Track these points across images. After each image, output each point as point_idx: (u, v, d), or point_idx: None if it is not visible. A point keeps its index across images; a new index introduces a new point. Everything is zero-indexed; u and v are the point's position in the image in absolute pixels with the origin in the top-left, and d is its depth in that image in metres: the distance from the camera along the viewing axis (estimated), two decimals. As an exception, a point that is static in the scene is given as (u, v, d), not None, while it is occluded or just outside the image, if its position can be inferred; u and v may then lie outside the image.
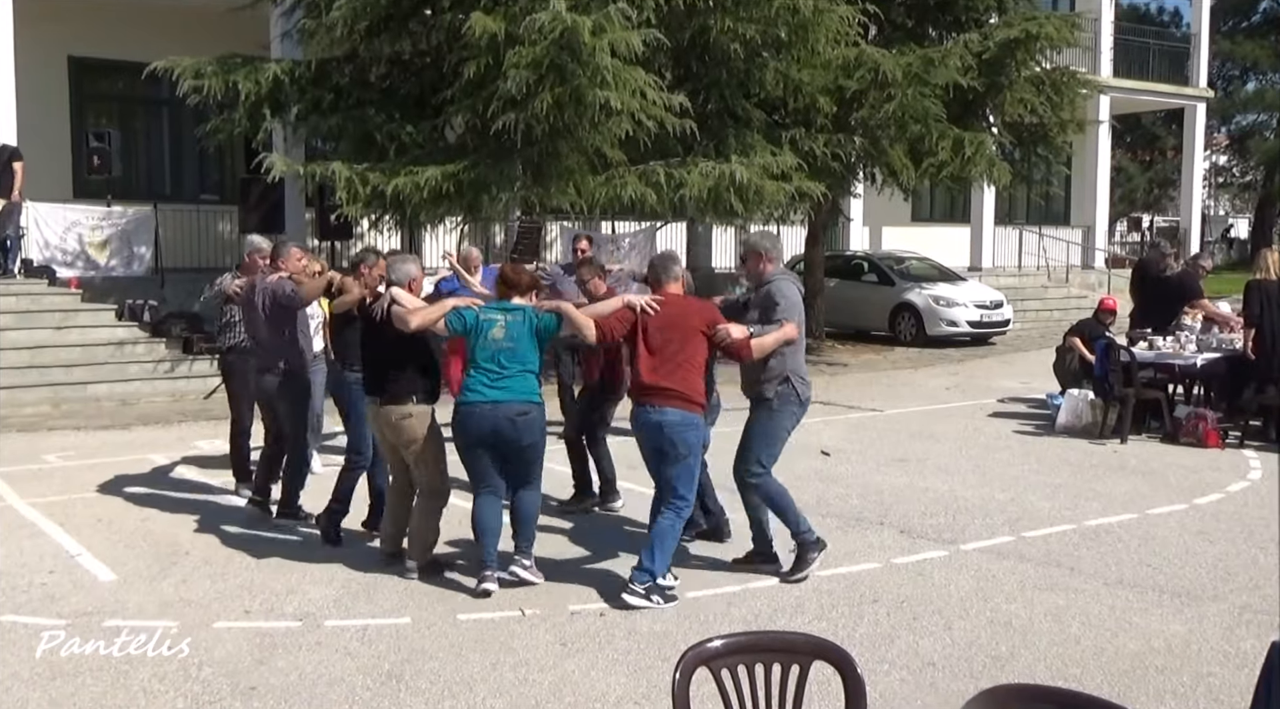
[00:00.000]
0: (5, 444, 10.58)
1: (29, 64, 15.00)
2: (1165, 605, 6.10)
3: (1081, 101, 18.30)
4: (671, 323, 6.10)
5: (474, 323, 6.17)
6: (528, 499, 6.33)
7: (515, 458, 6.20)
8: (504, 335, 6.11)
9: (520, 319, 6.16)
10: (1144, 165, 45.75)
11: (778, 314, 6.25)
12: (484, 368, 6.11)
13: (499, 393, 6.06)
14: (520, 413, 6.08)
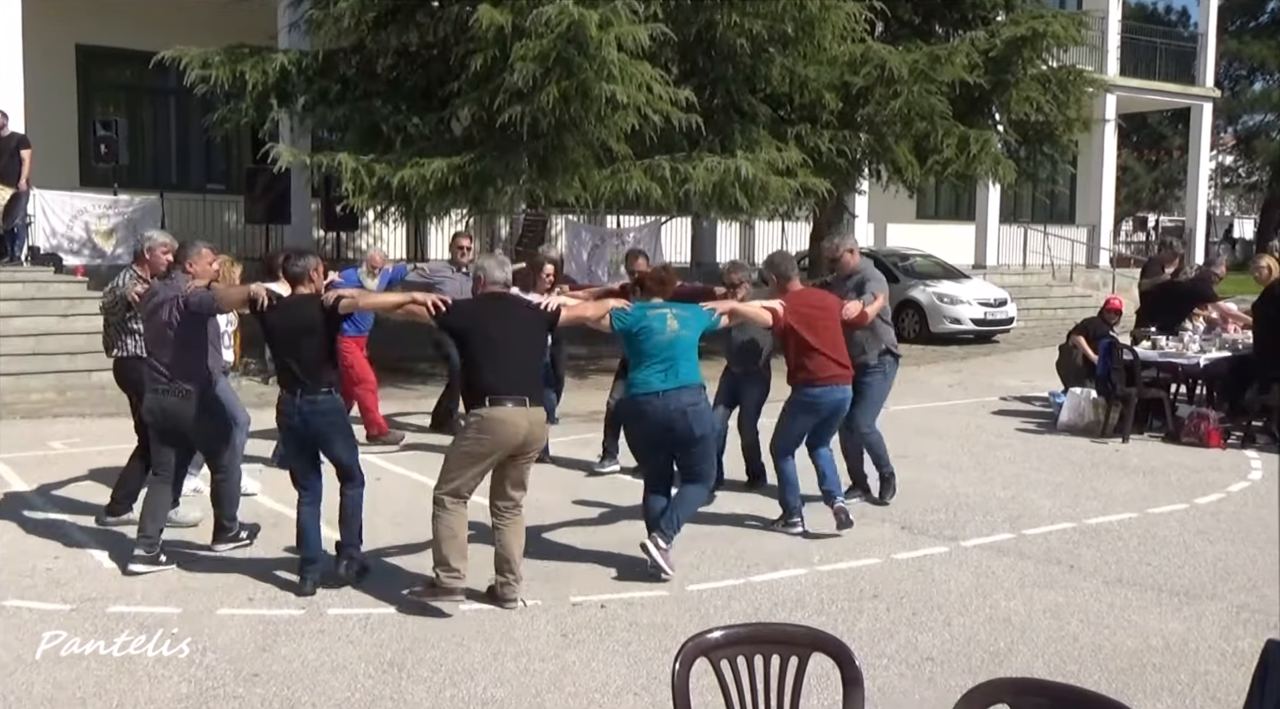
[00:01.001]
0: (10, 430, 10.63)
1: (37, 52, 15.01)
2: (1164, 604, 6.12)
3: (1088, 100, 18.30)
4: (824, 310, 7.26)
5: (641, 319, 6.39)
6: (694, 492, 6.57)
7: (683, 448, 6.44)
8: (678, 327, 6.39)
9: (689, 315, 6.50)
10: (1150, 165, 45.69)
11: (869, 288, 7.72)
12: (655, 362, 6.31)
13: (672, 382, 6.30)
14: (691, 403, 6.32)
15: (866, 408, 7.84)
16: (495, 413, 5.73)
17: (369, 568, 6.29)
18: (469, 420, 5.87)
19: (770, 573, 6.52)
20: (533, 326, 6.07)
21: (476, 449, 5.79)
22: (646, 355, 6.34)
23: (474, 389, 5.87)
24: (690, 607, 5.95)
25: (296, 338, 6.07)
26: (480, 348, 5.85)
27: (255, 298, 6.12)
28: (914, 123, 14.89)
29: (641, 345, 6.36)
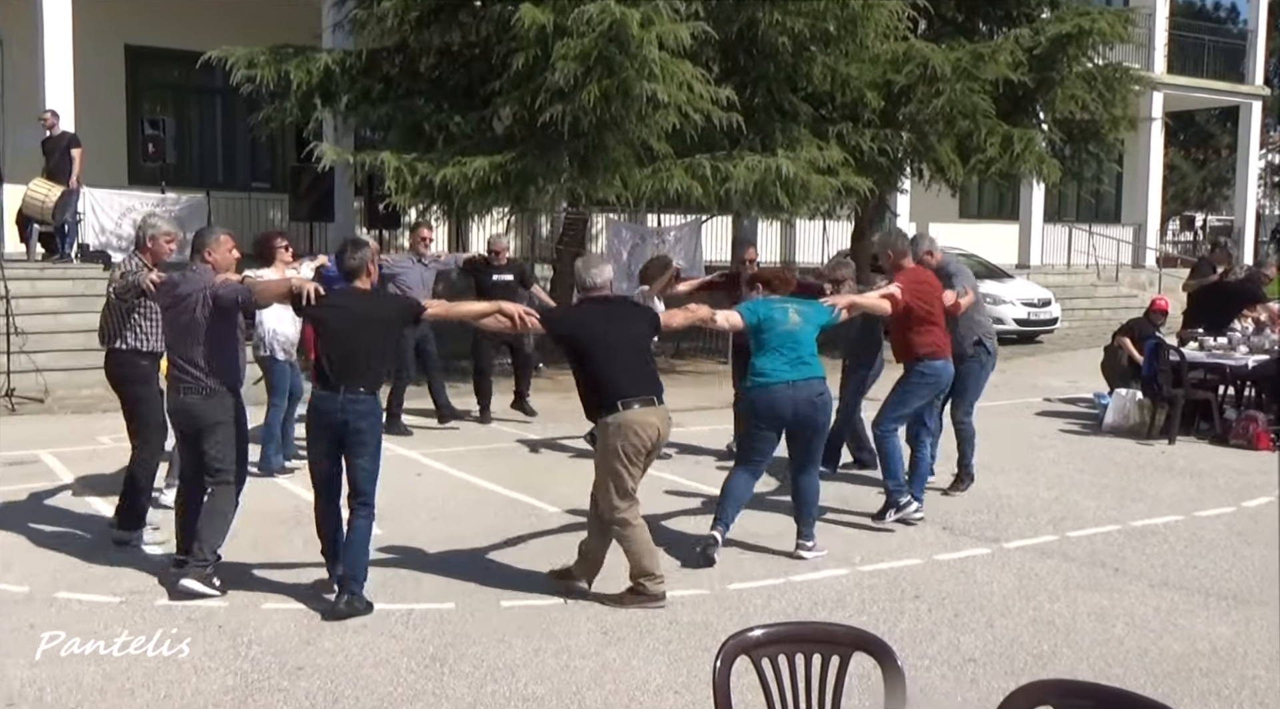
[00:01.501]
0: (60, 425, 10.81)
1: (87, 53, 15.25)
2: (1211, 608, 6.05)
3: (1134, 98, 18.10)
4: (935, 287, 7.54)
5: (767, 313, 6.68)
6: (811, 482, 6.80)
7: (806, 437, 6.68)
8: (800, 320, 6.67)
9: (809, 310, 6.78)
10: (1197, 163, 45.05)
11: (957, 282, 7.93)
12: (780, 352, 6.58)
13: (798, 373, 6.57)
14: (818, 393, 6.61)
15: (965, 396, 8.26)
16: (631, 415, 5.80)
17: (371, 607, 5.74)
18: (606, 427, 5.83)
19: (811, 573, 6.50)
20: (641, 326, 6.21)
21: (627, 452, 5.80)
22: (772, 347, 6.62)
23: (602, 395, 5.85)
24: (730, 605, 5.95)
25: (352, 333, 5.78)
26: (599, 353, 5.86)
27: (300, 291, 5.81)
28: (957, 121, 14.79)
29: (766, 337, 6.64)
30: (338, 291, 6.02)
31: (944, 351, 7.57)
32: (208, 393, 6.04)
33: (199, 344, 6.01)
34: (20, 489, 8.18)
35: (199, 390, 6.03)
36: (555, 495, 8.17)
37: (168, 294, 6.19)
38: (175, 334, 6.15)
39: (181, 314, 6.05)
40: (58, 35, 14.61)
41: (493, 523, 7.51)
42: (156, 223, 6.66)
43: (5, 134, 16.59)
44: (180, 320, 6.06)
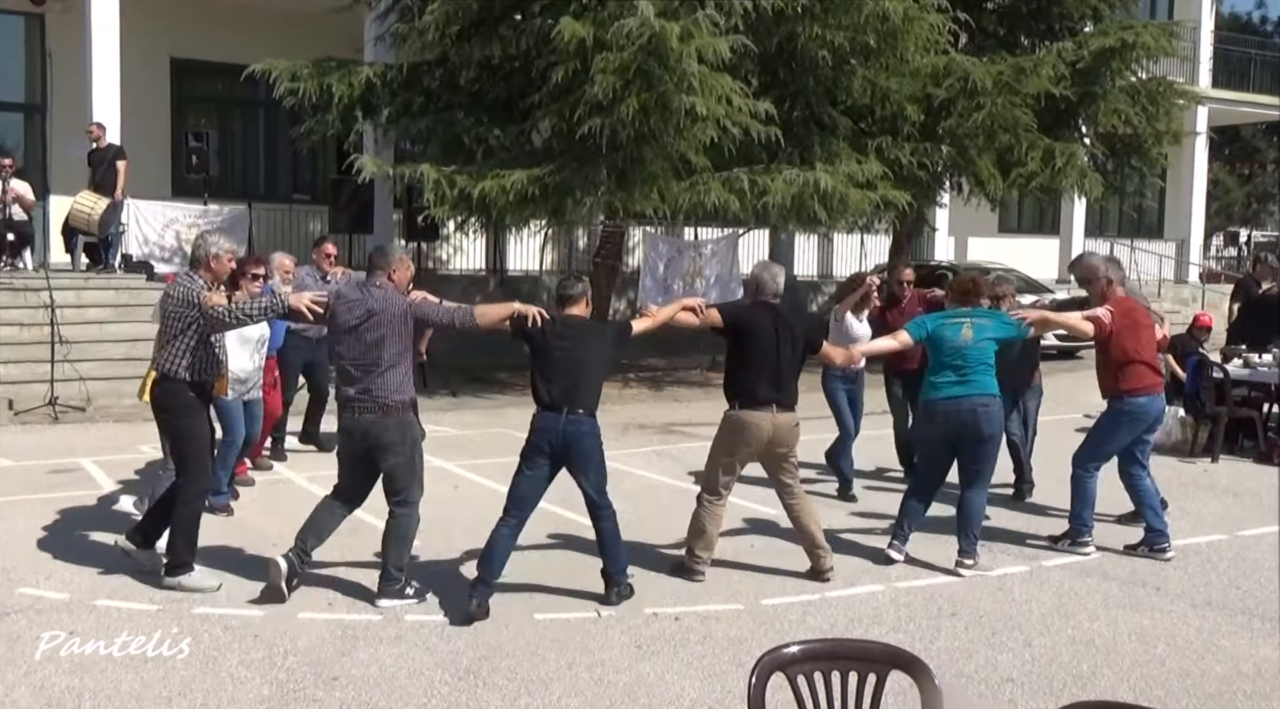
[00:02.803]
0: (103, 433, 10.93)
1: (133, 66, 15.48)
2: (1255, 629, 5.95)
3: (1178, 112, 17.91)
4: (1145, 315, 7.38)
5: (936, 330, 6.78)
6: (978, 499, 6.83)
7: (974, 450, 6.74)
8: (973, 336, 6.71)
9: (990, 322, 6.83)
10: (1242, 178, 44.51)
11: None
12: (950, 366, 6.70)
13: (963, 388, 6.66)
14: (983, 404, 6.66)
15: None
16: (742, 416, 6.36)
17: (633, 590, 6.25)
18: (727, 419, 6.44)
19: (847, 589, 6.46)
20: (798, 341, 6.47)
21: (726, 447, 6.44)
22: (941, 364, 6.75)
23: (731, 389, 6.45)
24: (765, 621, 5.91)
25: (573, 358, 5.99)
26: (749, 353, 6.36)
27: (525, 315, 6.03)
28: (997, 135, 14.70)
29: (936, 353, 6.78)
30: (557, 318, 6.12)
31: (1146, 387, 7.20)
32: (386, 411, 5.95)
33: (380, 362, 5.92)
34: (62, 497, 8.29)
35: (376, 409, 5.94)
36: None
37: (348, 312, 5.97)
38: (356, 351, 5.95)
39: (369, 331, 5.92)
40: (105, 48, 14.84)
41: (528, 535, 7.49)
42: (219, 240, 6.46)
43: (53, 146, 16.85)
44: (367, 338, 5.93)
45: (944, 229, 21.98)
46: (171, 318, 6.22)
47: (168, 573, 6.25)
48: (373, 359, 5.92)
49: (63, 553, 6.88)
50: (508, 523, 6.09)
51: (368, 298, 6.00)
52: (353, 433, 6.02)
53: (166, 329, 6.27)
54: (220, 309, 6.15)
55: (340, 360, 6.06)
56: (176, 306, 6.21)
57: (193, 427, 6.29)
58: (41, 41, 16.92)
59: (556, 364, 6.00)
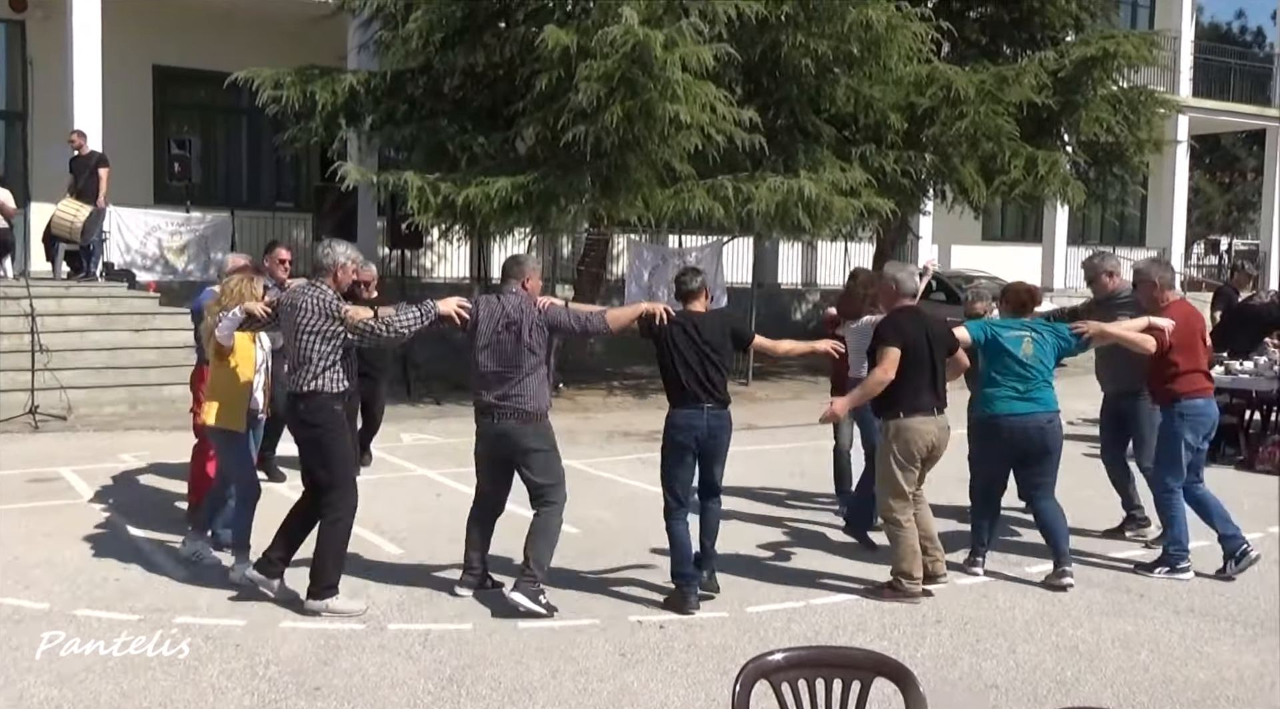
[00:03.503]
0: (83, 442, 10.86)
1: (116, 73, 15.41)
2: (1237, 635, 5.96)
3: (1159, 121, 18.01)
4: (1195, 328, 7.07)
5: (994, 339, 6.65)
6: (1050, 507, 6.77)
7: (1038, 465, 6.71)
8: (1033, 351, 6.61)
9: (1049, 336, 6.72)
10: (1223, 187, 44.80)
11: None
12: (1011, 380, 6.58)
13: (1027, 404, 6.58)
14: (1048, 421, 6.62)
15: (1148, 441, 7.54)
16: (910, 423, 6.27)
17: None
18: (888, 430, 6.33)
19: (831, 596, 6.46)
20: (946, 339, 6.47)
21: (904, 456, 6.29)
22: (1000, 376, 6.60)
23: (895, 399, 6.27)
24: (750, 628, 5.90)
25: (709, 353, 6.11)
26: (909, 363, 6.23)
27: (653, 314, 6.13)
28: (980, 143, 14.76)
29: (994, 363, 6.64)
30: (683, 315, 6.20)
31: (1204, 390, 6.98)
32: (526, 418, 5.97)
33: (521, 369, 5.95)
34: (42, 506, 8.23)
35: (518, 415, 5.96)
36: (574, 516, 8.13)
37: (489, 319, 5.98)
38: (498, 359, 5.97)
39: (510, 339, 5.95)
40: (87, 56, 14.78)
41: (511, 543, 7.46)
42: (346, 250, 6.14)
43: (33, 153, 16.76)
44: (506, 347, 5.96)
45: (927, 237, 22.03)
46: (306, 330, 5.90)
47: (315, 596, 5.94)
48: (513, 366, 5.95)
49: (42, 562, 6.83)
50: (680, 516, 6.19)
51: (506, 306, 6.02)
52: (495, 439, 6.05)
53: (301, 342, 5.91)
54: (367, 324, 5.95)
55: (478, 368, 6.01)
56: (313, 318, 5.90)
57: (342, 443, 6.08)
58: (22, 48, 16.84)
59: (690, 360, 6.11)
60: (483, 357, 5.99)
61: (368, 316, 6.02)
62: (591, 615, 6.02)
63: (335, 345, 5.93)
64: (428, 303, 6.04)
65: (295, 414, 6.04)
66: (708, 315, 6.34)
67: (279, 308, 6.13)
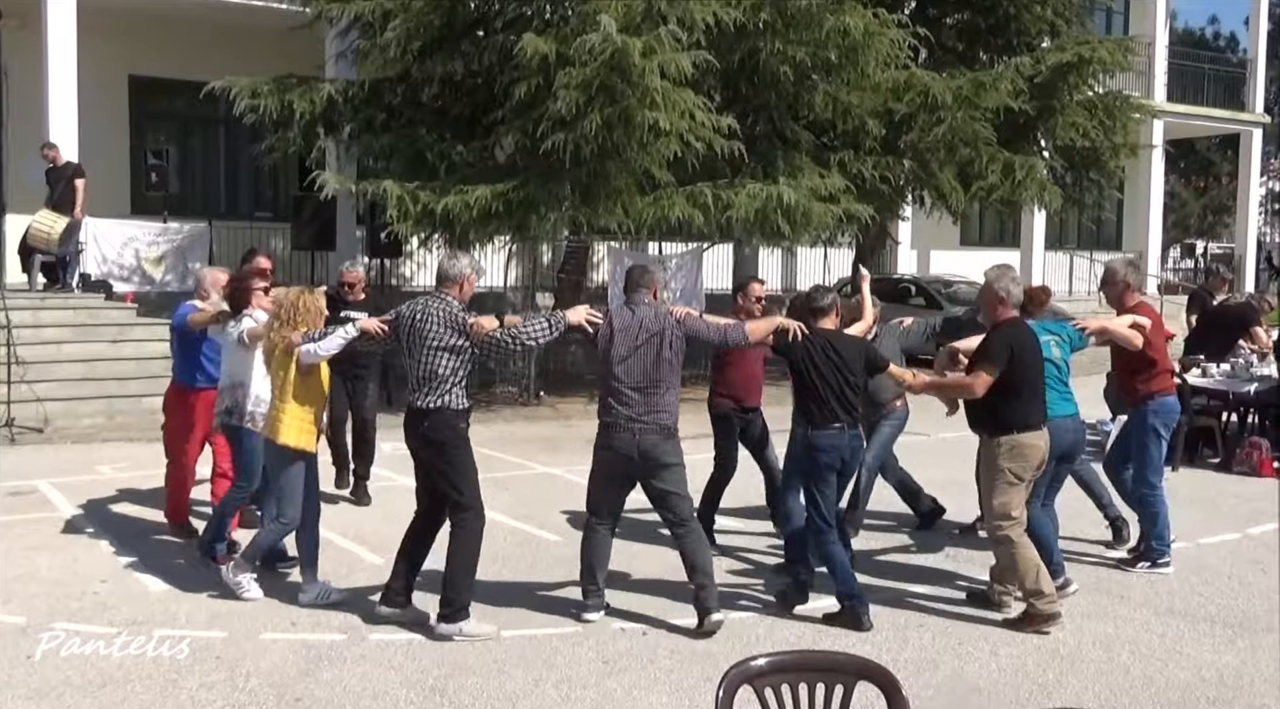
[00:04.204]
0: (60, 455, 10.77)
1: (91, 83, 15.33)
2: (1217, 636, 6.00)
3: (1135, 126, 18.14)
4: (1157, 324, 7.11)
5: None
6: (1049, 513, 6.66)
7: (1067, 468, 6.77)
8: (1060, 352, 6.56)
9: (1064, 336, 6.68)
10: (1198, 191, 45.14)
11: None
12: (1055, 385, 6.42)
13: (1072, 406, 6.52)
14: (1082, 421, 6.65)
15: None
16: (1024, 439, 5.96)
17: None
18: (999, 446, 5.98)
19: (814, 601, 6.45)
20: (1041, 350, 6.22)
21: (1016, 473, 5.96)
22: (1050, 381, 6.37)
23: (1005, 414, 5.97)
24: (733, 634, 5.89)
25: (845, 375, 6.04)
26: (1020, 375, 5.95)
27: (787, 330, 6.05)
28: (958, 149, 14.83)
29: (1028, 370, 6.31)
30: (817, 333, 6.11)
31: (1171, 387, 7.22)
32: (666, 433, 5.82)
33: (660, 383, 5.79)
34: (18, 519, 8.16)
35: (659, 431, 5.79)
36: (556, 524, 8.15)
37: (624, 332, 5.78)
38: (637, 373, 5.76)
39: (649, 353, 5.77)
40: (62, 65, 14.70)
41: (494, 552, 7.46)
42: (465, 260, 5.93)
43: (8, 165, 16.65)
44: (646, 360, 5.77)
45: (906, 242, 22.13)
46: (434, 346, 5.71)
47: (448, 620, 5.74)
48: (653, 380, 5.76)
49: (19, 576, 6.77)
50: (832, 538, 6.12)
51: (643, 317, 5.83)
52: (632, 455, 5.78)
53: (427, 358, 5.72)
54: (494, 336, 5.73)
55: (614, 383, 5.78)
56: (442, 332, 5.71)
57: (471, 460, 5.90)
58: (-3, 58, 16.75)
59: (830, 380, 6.03)
60: (620, 370, 5.76)
61: (494, 329, 5.78)
62: (573, 623, 6.00)
63: (464, 360, 5.75)
64: (557, 313, 5.87)
65: (418, 432, 5.78)
66: (844, 336, 6.26)
67: (397, 322, 5.88)
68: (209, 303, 7.30)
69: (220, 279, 7.46)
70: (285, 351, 6.14)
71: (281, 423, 6.16)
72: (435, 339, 5.72)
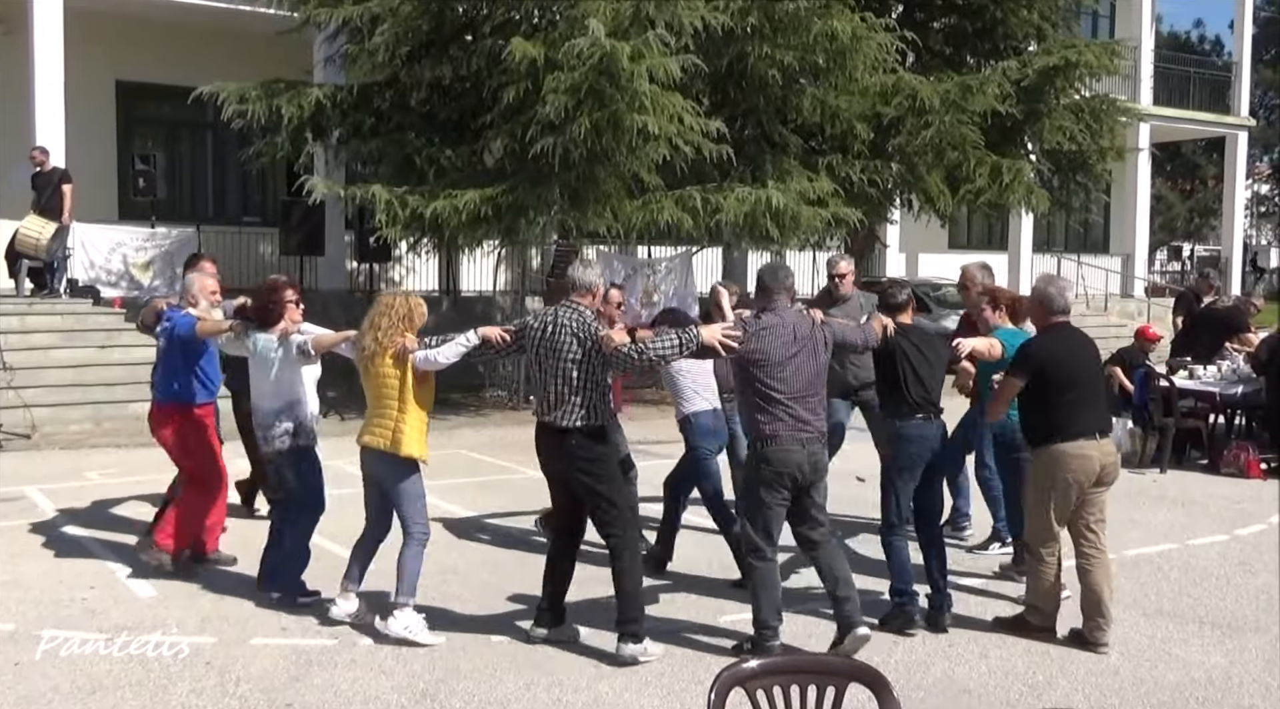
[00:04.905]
0: (48, 461, 10.73)
1: (78, 88, 15.28)
2: (1206, 636, 6.02)
3: (1121, 129, 18.21)
4: None
5: None
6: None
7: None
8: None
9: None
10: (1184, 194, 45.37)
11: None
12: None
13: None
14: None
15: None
16: (1065, 448, 5.71)
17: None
18: (1044, 457, 5.79)
19: (804, 604, 6.46)
20: (1097, 356, 6.10)
21: (1055, 488, 5.75)
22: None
23: (1045, 424, 5.78)
24: (724, 638, 5.90)
25: (931, 365, 6.08)
26: (1058, 384, 5.74)
27: (885, 327, 6.00)
28: (946, 152, 14.86)
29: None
30: (903, 327, 6.09)
31: None
32: (824, 442, 5.62)
33: (818, 389, 5.58)
34: (6, 526, 8.12)
35: (820, 440, 5.56)
36: (547, 528, 8.13)
37: (775, 339, 5.50)
38: (798, 382, 5.50)
39: (806, 360, 5.56)
40: (49, 71, 14.65)
41: (484, 556, 7.47)
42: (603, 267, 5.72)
43: (-5, 170, 16.59)
44: (805, 367, 5.54)
45: (895, 245, 22.18)
46: (569, 359, 5.47)
47: (634, 639, 5.46)
48: (815, 388, 5.56)
49: (8, 583, 6.74)
50: (901, 532, 6.10)
51: (792, 323, 5.57)
52: (802, 467, 5.49)
53: (563, 371, 5.48)
54: (624, 350, 5.47)
55: (773, 393, 5.45)
56: (574, 344, 5.49)
57: (620, 474, 5.77)
58: (-17, 64, 16.68)
59: (921, 372, 6.03)
60: (779, 380, 5.44)
61: (625, 342, 5.55)
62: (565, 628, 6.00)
63: (604, 371, 5.51)
64: (690, 330, 5.54)
65: (563, 452, 5.54)
66: (927, 329, 6.32)
67: (523, 333, 5.69)
68: (199, 310, 6.93)
69: (209, 285, 7.10)
70: (398, 358, 5.80)
71: (404, 433, 5.77)
72: (571, 352, 5.46)
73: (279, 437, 6.30)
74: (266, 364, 6.34)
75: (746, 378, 5.54)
